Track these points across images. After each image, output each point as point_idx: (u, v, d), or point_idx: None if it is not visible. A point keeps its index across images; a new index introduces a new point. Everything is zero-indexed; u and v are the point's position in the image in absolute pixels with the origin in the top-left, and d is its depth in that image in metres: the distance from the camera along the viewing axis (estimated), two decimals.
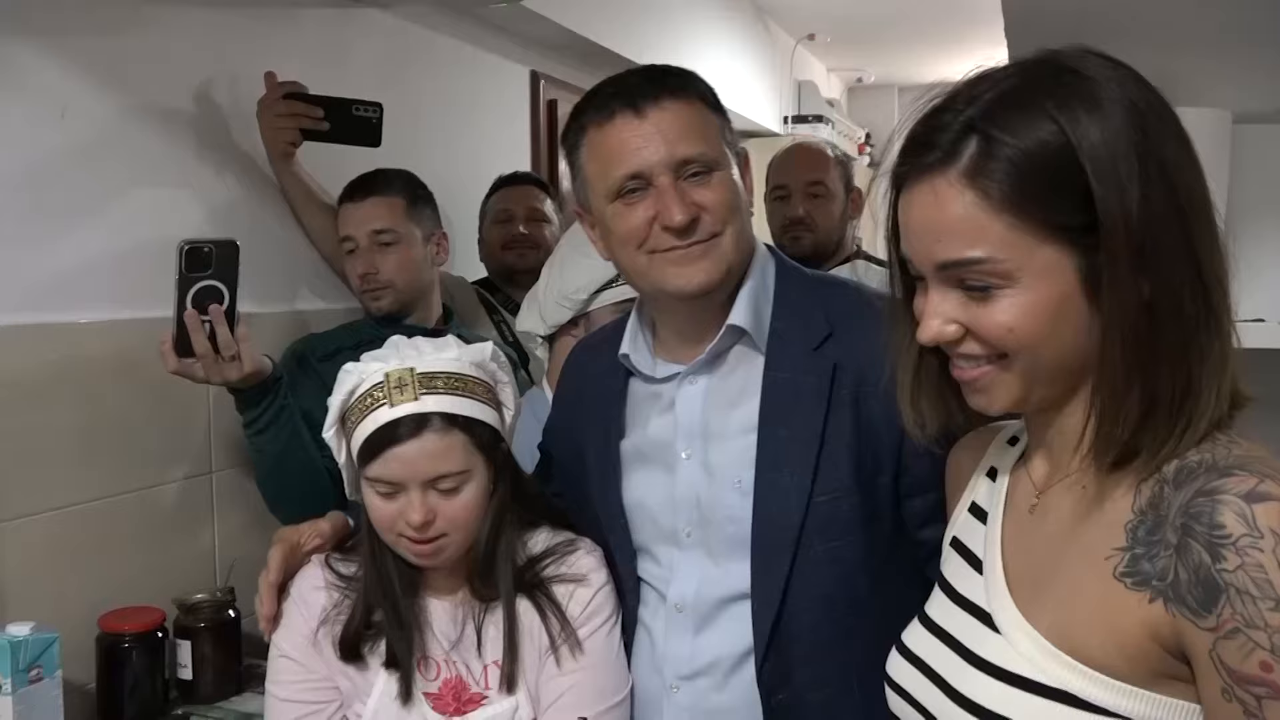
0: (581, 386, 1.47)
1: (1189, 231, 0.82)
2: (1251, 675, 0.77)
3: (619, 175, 1.24)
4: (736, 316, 1.27)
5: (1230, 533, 0.78)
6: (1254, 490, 0.78)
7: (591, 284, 1.81)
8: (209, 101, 2.03)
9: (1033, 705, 0.85)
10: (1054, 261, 0.84)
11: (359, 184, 2.10)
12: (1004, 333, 0.85)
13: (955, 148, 0.85)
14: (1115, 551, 0.85)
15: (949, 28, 5.91)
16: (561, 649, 1.30)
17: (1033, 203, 0.83)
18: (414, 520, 1.25)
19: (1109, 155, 0.81)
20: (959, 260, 0.85)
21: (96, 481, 1.78)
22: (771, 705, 1.24)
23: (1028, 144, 0.82)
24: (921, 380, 0.98)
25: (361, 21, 2.48)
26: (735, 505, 1.26)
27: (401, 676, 1.30)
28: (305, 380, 1.99)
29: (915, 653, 1.00)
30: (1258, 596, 0.76)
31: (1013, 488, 1.00)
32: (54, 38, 1.72)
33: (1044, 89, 0.84)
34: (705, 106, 1.27)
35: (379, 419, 1.26)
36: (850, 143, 6.80)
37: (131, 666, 1.68)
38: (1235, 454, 0.82)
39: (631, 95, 1.24)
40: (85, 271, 1.78)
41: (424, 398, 1.26)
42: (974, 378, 0.90)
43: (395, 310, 2.07)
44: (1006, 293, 0.85)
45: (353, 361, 1.34)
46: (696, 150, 1.23)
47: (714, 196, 1.23)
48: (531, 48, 3.29)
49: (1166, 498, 0.83)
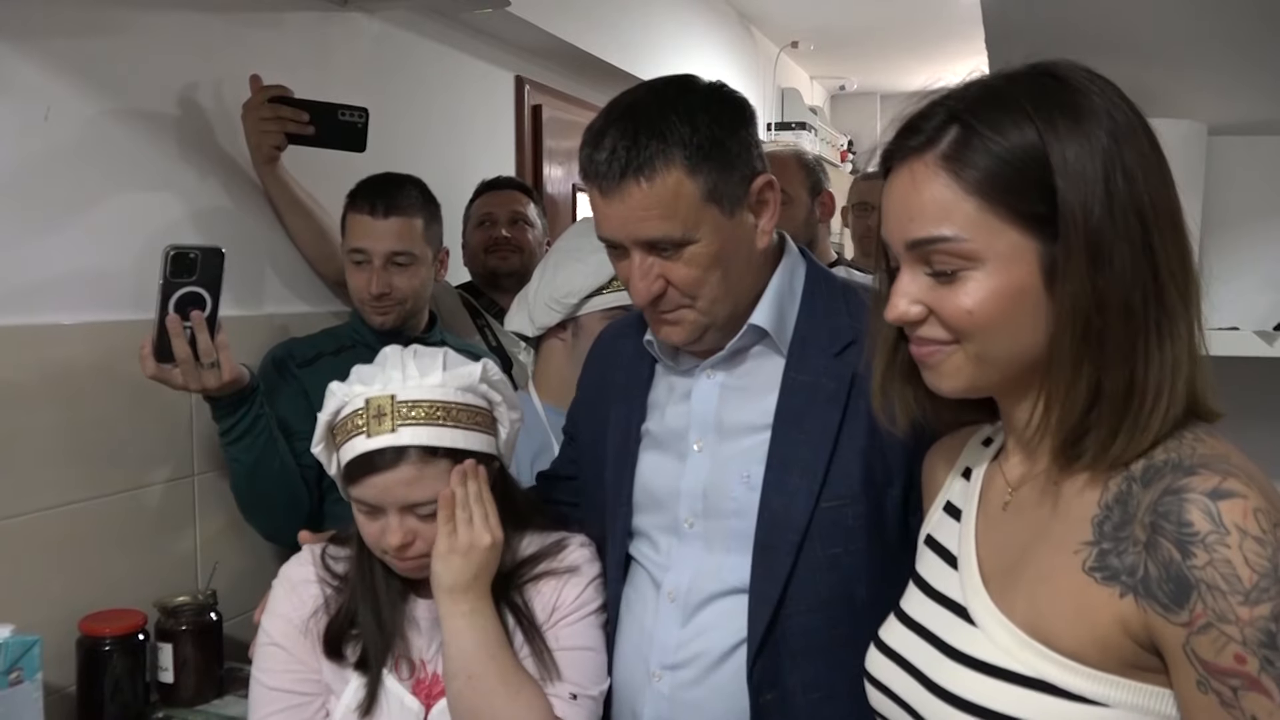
0: (607, 368, 1.49)
1: (1149, 237, 0.85)
2: (1226, 668, 0.79)
3: (601, 235, 1.27)
4: (759, 317, 1.29)
5: (1198, 530, 0.80)
6: (1218, 488, 0.81)
7: (583, 289, 1.82)
8: (193, 104, 2.03)
9: (1011, 695, 0.87)
10: (1017, 248, 0.87)
11: (377, 195, 2.01)
12: (963, 315, 0.89)
13: (937, 134, 0.90)
14: (1083, 545, 0.87)
15: (930, 37, 5.95)
16: (533, 658, 1.32)
17: (1002, 190, 0.87)
18: (391, 544, 1.27)
19: (1076, 157, 0.85)
20: (928, 238, 0.89)
21: (78, 484, 1.78)
22: (759, 703, 1.25)
23: (1004, 137, 0.87)
24: (894, 369, 1.02)
25: (346, 26, 2.48)
26: (741, 499, 1.28)
27: (368, 683, 1.31)
28: (284, 386, 1.99)
29: (893, 648, 1.02)
30: (1227, 591, 0.78)
31: (986, 485, 1.02)
32: (37, 39, 1.72)
33: (1027, 92, 0.89)
34: (683, 172, 1.19)
35: (356, 448, 1.27)
36: (833, 150, 6.83)
37: (112, 669, 1.67)
38: (1200, 452, 0.85)
39: (599, 169, 1.21)
40: (69, 274, 1.78)
41: (401, 429, 1.26)
42: (927, 354, 0.94)
43: (399, 326, 2.06)
44: (971, 275, 0.88)
45: (338, 381, 1.34)
46: (658, 234, 1.21)
47: (681, 273, 1.23)
48: (516, 53, 3.30)
49: (1135, 495, 0.85)
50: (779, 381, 1.29)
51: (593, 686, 1.33)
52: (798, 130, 6.12)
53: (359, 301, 2.06)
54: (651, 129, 1.19)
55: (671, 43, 4.43)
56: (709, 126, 1.21)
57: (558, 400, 1.83)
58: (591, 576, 1.38)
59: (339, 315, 2.28)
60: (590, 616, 1.37)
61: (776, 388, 1.29)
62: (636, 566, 1.38)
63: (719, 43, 5.24)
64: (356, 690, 1.32)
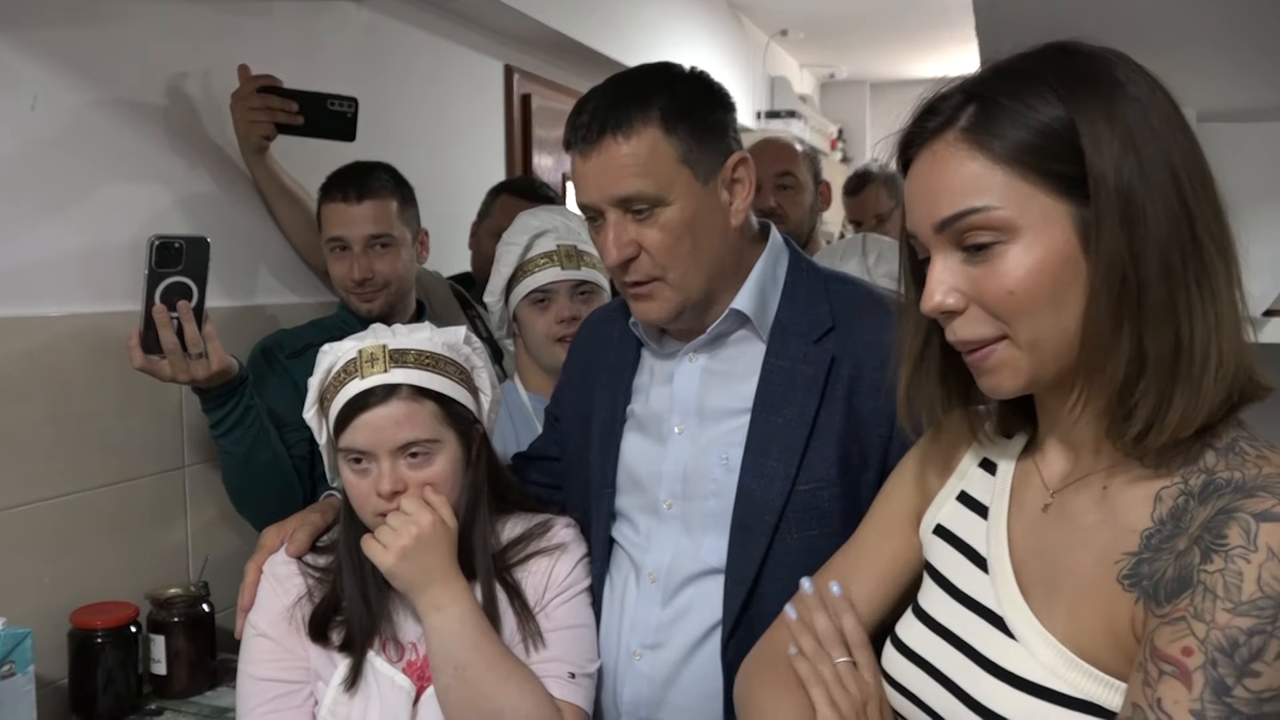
0: (595, 351, 1.51)
1: (1182, 193, 0.82)
2: (1168, 655, 0.77)
3: (578, 203, 1.31)
4: (740, 302, 1.31)
5: (1229, 543, 0.77)
6: (1268, 510, 0.77)
7: (500, 285, 1.91)
8: (181, 94, 2.02)
9: (1056, 717, 0.83)
10: (1051, 213, 0.84)
11: (349, 183, 2.03)
12: (1005, 296, 0.85)
13: (956, 113, 0.88)
14: (1125, 556, 0.84)
15: (920, 25, 5.95)
16: (526, 641, 1.33)
17: (1031, 155, 0.84)
18: (384, 489, 1.28)
19: (1102, 119, 0.83)
20: (959, 212, 0.86)
21: (69, 476, 1.77)
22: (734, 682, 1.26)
23: (1026, 106, 0.84)
24: (922, 374, 0.98)
25: (335, 15, 2.47)
26: (720, 481, 1.30)
27: (352, 665, 1.32)
28: (273, 377, 1.99)
29: (918, 652, 0.98)
30: (1220, 597, 0.76)
31: (1019, 484, 0.98)
32: (24, 28, 1.71)
33: (1044, 64, 0.87)
34: (659, 130, 1.23)
35: (350, 391, 1.30)
36: (823, 138, 6.83)
37: (104, 662, 1.67)
38: (1265, 473, 0.81)
39: (580, 131, 1.26)
40: (57, 264, 1.77)
41: (394, 370, 1.31)
42: (980, 358, 0.89)
43: (385, 312, 2.06)
44: (1008, 251, 0.84)
45: (330, 343, 1.37)
46: (634, 189, 1.24)
47: (654, 237, 1.25)
48: (505, 42, 3.29)
49: (1190, 511, 0.82)
50: (759, 367, 1.31)
51: (589, 664, 1.35)
52: (787, 118, 6.12)
53: (344, 291, 2.07)
54: (633, 92, 1.26)
55: (661, 30, 4.42)
56: (687, 95, 1.27)
57: (539, 389, 1.92)
58: (580, 555, 1.40)
59: (328, 306, 2.28)
60: (582, 594, 1.39)
61: (757, 373, 1.31)
62: (617, 548, 1.40)
63: (708, 30, 5.24)
64: (343, 670, 1.32)
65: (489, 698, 1.25)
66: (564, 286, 1.86)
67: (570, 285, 1.87)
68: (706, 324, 1.33)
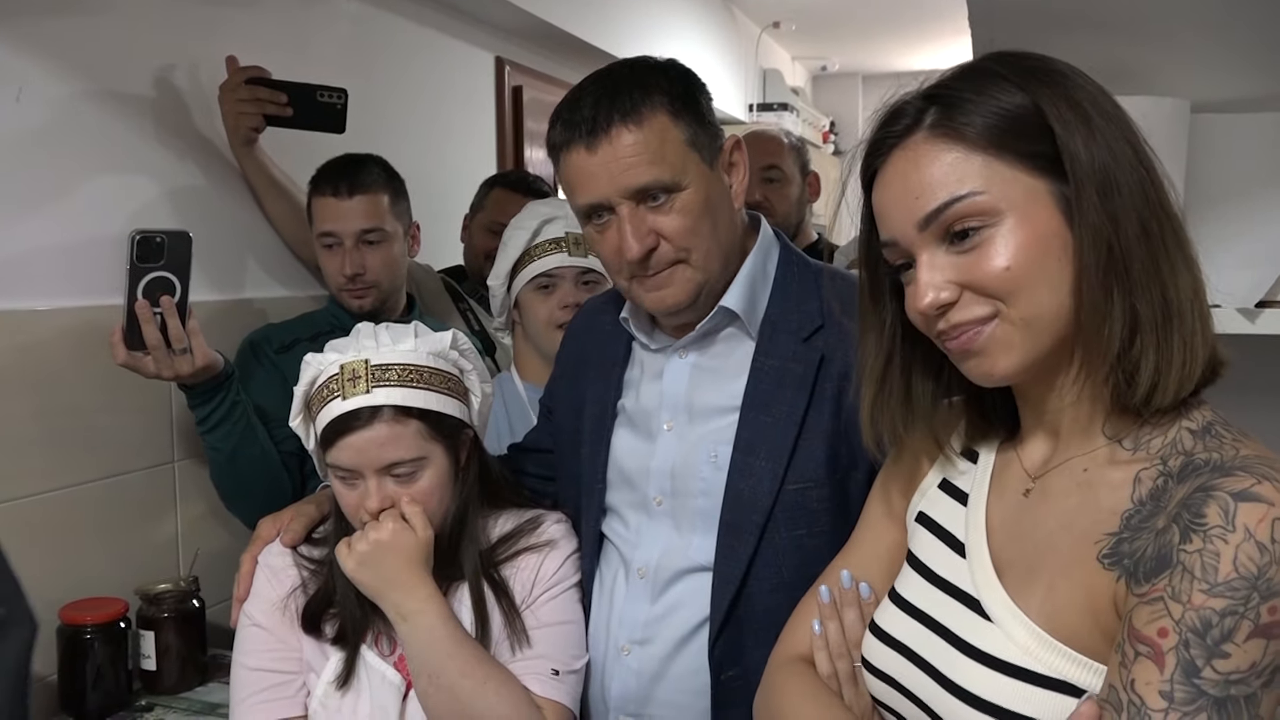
0: (587, 344, 1.50)
1: (1145, 164, 0.86)
2: (1145, 636, 0.78)
3: (582, 204, 1.28)
4: (729, 300, 1.30)
5: (1207, 522, 0.78)
6: (1246, 490, 0.78)
7: (505, 270, 1.89)
8: (169, 86, 2.00)
9: (1033, 696, 0.84)
10: (1033, 191, 0.86)
11: (340, 176, 2.01)
12: (1000, 273, 0.86)
13: (920, 115, 0.90)
14: (1105, 536, 0.85)
15: (913, 17, 5.94)
16: (512, 638, 1.33)
17: (1002, 136, 0.87)
18: (370, 507, 1.29)
19: (1062, 100, 0.86)
20: (945, 202, 0.87)
21: (57, 471, 1.76)
22: (721, 680, 1.26)
23: (990, 95, 0.88)
24: (885, 395, 0.99)
25: (324, 6, 2.45)
26: (709, 478, 1.29)
27: (346, 657, 1.32)
28: (261, 372, 1.97)
29: (895, 637, 0.99)
30: (1197, 578, 0.77)
31: (1000, 470, 0.99)
32: (9, 17, 1.69)
33: (993, 63, 0.90)
34: (667, 116, 1.23)
35: (333, 411, 1.30)
36: (815, 130, 6.82)
37: (93, 658, 1.66)
38: (1242, 454, 0.82)
39: (583, 126, 1.23)
40: (42, 258, 1.76)
41: (375, 390, 1.29)
42: (967, 340, 0.89)
43: (377, 307, 2.05)
44: (997, 232, 0.86)
45: (314, 353, 1.36)
46: (649, 178, 1.22)
47: (674, 223, 1.24)
48: (496, 34, 3.27)
49: (1169, 490, 0.83)
50: (749, 365, 1.30)
51: (575, 661, 1.34)
52: (779, 111, 6.11)
53: (335, 287, 2.06)
54: (632, 81, 1.24)
55: (652, 22, 4.41)
56: (681, 80, 1.28)
57: (537, 379, 1.89)
58: (569, 551, 1.40)
59: (318, 299, 2.27)
60: (570, 590, 1.38)
61: (746, 371, 1.30)
62: (607, 543, 1.40)
63: (700, 23, 5.22)
64: (335, 664, 1.32)
65: (465, 703, 1.25)
66: (570, 273, 1.85)
67: (576, 272, 1.85)
68: (702, 317, 1.32)
